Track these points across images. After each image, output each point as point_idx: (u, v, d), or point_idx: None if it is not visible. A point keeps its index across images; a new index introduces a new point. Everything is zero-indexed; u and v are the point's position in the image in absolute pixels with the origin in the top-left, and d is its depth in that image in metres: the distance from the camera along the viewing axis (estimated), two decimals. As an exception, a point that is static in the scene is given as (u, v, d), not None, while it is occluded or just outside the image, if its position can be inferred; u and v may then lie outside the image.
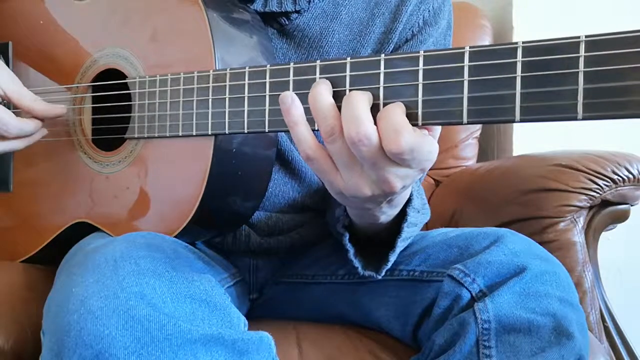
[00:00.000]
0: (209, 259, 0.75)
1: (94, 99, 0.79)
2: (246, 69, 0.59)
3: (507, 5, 1.42)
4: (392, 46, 0.77)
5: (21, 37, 0.85)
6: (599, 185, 0.94)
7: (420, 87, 0.49)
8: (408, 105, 0.49)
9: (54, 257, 0.74)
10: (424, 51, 0.49)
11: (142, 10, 0.73)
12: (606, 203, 0.97)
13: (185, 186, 0.67)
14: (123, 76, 0.74)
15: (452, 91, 0.47)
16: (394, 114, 0.48)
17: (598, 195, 0.95)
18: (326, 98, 0.51)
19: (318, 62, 0.54)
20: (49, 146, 0.81)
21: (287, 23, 0.76)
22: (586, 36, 0.42)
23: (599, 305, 0.95)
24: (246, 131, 0.60)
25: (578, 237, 0.95)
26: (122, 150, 0.74)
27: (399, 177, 0.51)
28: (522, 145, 1.38)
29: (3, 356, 0.68)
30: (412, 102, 0.49)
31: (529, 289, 0.61)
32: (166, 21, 0.70)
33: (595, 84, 0.41)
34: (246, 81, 0.59)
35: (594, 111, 0.41)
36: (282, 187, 0.80)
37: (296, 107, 0.53)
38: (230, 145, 0.66)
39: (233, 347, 0.52)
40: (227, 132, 0.62)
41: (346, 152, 0.51)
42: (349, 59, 0.52)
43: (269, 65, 0.58)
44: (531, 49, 0.44)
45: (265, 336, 0.56)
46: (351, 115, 0.49)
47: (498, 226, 0.81)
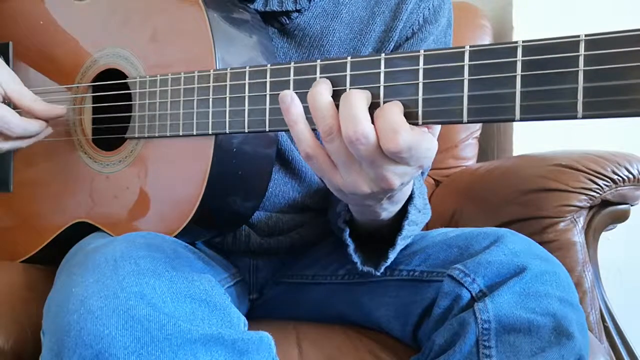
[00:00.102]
0: (209, 259, 0.75)
1: (94, 99, 0.79)
2: (247, 69, 0.59)
3: (507, 5, 1.42)
4: (393, 44, 0.78)
5: (21, 37, 0.85)
6: (599, 185, 0.94)
7: (420, 86, 0.49)
8: (408, 104, 0.49)
9: (54, 257, 0.74)
10: (424, 50, 0.49)
11: (143, 10, 0.73)
12: (606, 203, 0.97)
13: (185, 186, 0.67)
14: (123, 76, 0.74)
15: (453, 90, 0.47)
16: (392, 113, 0.48)
17: (598, 195, 0.95)
18: (325, 97, 0.51)
19: (318, 62, 0.54)
20: (49, 146, 0.81)
21: (288, 22, 0.76)
22: (586, 35, 0.42)
23: (599, 305, 0.95)
24: (247, 130, 0.60)
25: (578, 237, 0.95)
26: (123, 150, 0.74)
27: (397, 175, 0.52)
28: (522, 145, 1.38)
29: (3, 356, 0.68)
30: (413, 101, 0.49)
31: (529, 289, 0.61)
32: (166, 21, 0.70)
33: (595, 83, 0.41)
34: (247, 81, 0.59)
35: (594, 110, 0.42)
36: (283, 187, 0.80)
37: (295, 106, 0.53)
38: (230, 145, 0.66)
39: (233, 347, 0.52)
40: (228, 132, 0.62)
41: (344, 151, 0.51)
42: (350, 58, 0.52)
43: (270, 64, 0.58)
44: (531, 48, 0.44)
45: (265, 336, 0.56)
46: (349, 114, 0.49)
47: (498, 226, 0.81)
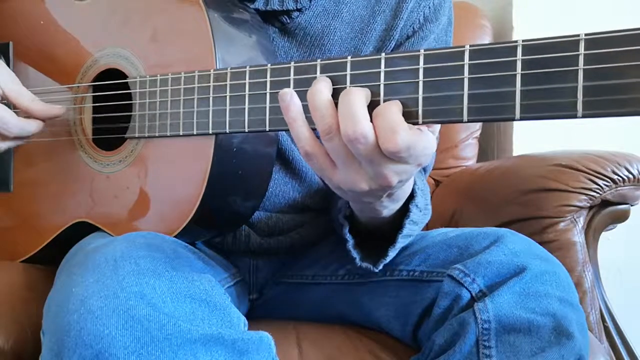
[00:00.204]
0: (209, 259, 0.75)
1: (95, 99, 0.79)
2: (247, 68, 0.59)
3: (507, 5, 1.42)
4: (394, 43, 0.78)
5: (22, 37, 0.85)
6: (599, 185, 0.94)
7: (420, 85, 0.49)
8: (409, 103, 0.49)
9: (54, 257, 0.74)
10: (424, 50, 0.49)
11: (143, 10, 0.73)
12: (606, 203, 0.97)
13: (185, 186, 0.67)
14: (124, 76, 0.74)
15: (453, 89, 0.47)
16: (390, 112, 0.49)
17: (598, 195, 0.95)
18: (325, 95, 0.51)
19: (319, 61, 0.54)
20: (50, 146, 0.81)
21: (289, 21, 0.76)
22: (586, 34, 0.42)
23: (599, 305, 0.95)
24: (247, 130, 0.60)
25: (578, 237, 0.95)
26: (123, 149, 0.74)
27: (396, 173, 0.52)
28: (522, 145, 1.38)
29: (3, 356, 0.68)
30: (413, 100, 0.49)
31: (529, 289, 0.61)
32: (166, 21, 0.70)
33: (594, 82, 0.41)
34: (247, 80, 0.59)
35: (594, 109, 0.42)
36: (283, 187, 0.80)
37: (295, 104, 0.53)
38: (230, 144, 0.66)
39: (233, 347, 0.52)
40: (228, 131, 0.61)
41: (343, 150, 0.51)
42: (350, 58, 0.52)
43: (270, 64, 0.58)
44: (531, 47, 0.44)
45: (265, 336, 0.56)
46: (348, 112, 0.49)
47: (498, 226, 0.81)
